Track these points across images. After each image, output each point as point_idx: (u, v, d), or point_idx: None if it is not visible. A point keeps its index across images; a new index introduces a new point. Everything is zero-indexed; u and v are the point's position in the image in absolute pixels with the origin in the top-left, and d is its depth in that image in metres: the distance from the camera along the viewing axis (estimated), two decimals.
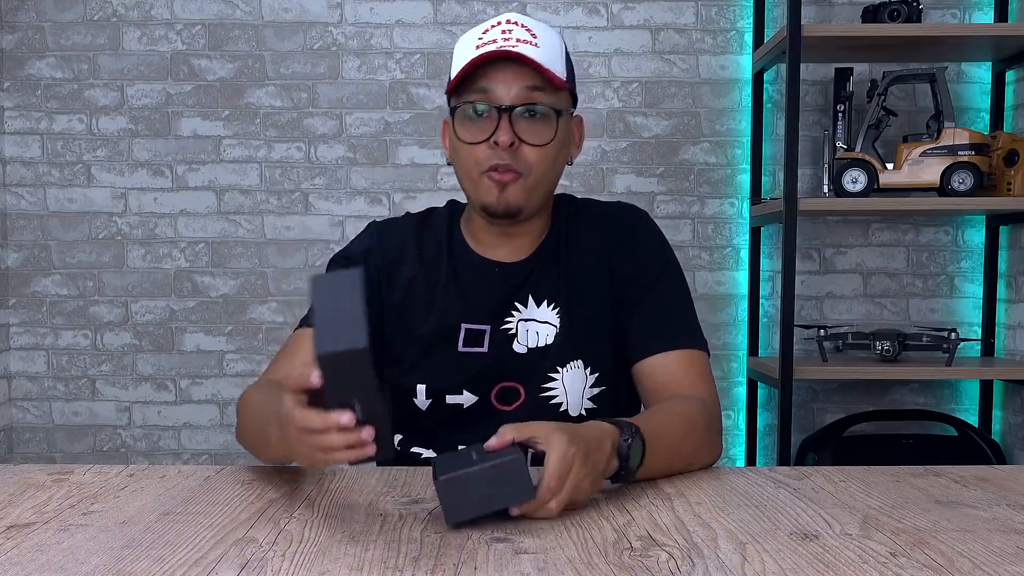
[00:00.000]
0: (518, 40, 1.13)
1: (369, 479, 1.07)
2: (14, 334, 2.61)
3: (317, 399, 0.84)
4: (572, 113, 1.21)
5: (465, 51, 1.15)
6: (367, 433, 0.81)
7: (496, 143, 1.12)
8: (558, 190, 1.29)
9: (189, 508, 0.94)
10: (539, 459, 0.89)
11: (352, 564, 0.76)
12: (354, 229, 2.50)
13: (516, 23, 1.16)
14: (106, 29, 2.55)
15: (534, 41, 1.13)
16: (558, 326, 1.22)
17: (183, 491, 1.01)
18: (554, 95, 1.15)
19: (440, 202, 1.34)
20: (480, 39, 1.14)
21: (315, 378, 0.81)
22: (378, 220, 1.32)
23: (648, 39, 2.56)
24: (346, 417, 0.80)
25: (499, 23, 1.16)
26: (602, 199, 1.40)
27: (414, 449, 1.25)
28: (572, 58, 1.27)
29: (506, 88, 1.12)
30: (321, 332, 0.79)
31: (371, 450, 0.82)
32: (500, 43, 1.12)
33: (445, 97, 1.22)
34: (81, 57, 2.55)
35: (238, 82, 2.56)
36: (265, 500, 0.97)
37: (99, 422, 2.61)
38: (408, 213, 1.32)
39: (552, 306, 1.23)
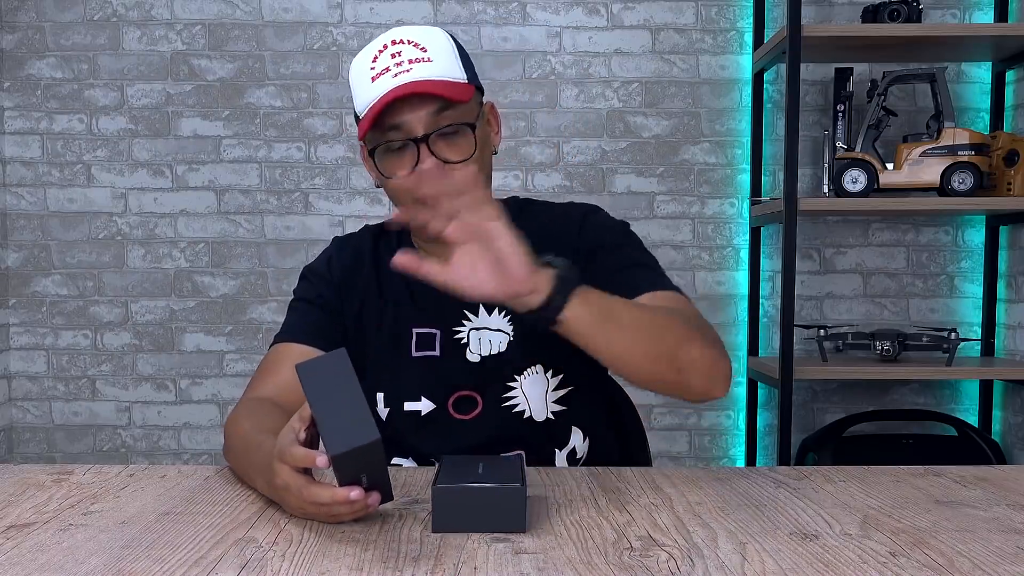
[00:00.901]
0: (409, 61, 1.11)
1: None
2: (14, 334, 2.61)
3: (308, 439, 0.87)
4: (481, 105, 1.19)
5: (361, 82, 1.14)
6: (372, 499, 0.84)
7: (422, 171, 1.11)
8: (543, 198, 1.28)
9: (189, 508, 0.94)
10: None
11: (352, 564, 0.76)
12: (354, 229, 2.50)
13: (402, 41, 1.13)
14: (106, 29, 2.55)
15: (425, 56, 1.12)
16: (509, 333, 1.22)
17: (183, 491, 1.01)
18: (464, 108, 1.14)
19: None
20: (372, 68, 1.13)
21: (321, 462, 0.81)
22: (339, 236, 1.35)
23: (648, 39, 2.56)
24: (355, 493, 0.82)
25: (385, 46, 1.13)
26: (604, 200, 1.39)
27: (395, 460, 1.25)
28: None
29: (417, 119, 1.11)
30: (330, 432, 0.79)
31: (374, 508, 0.85)
32: (394, 70, 1.11)
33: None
34: (81, 57, 2.55)
35: (238, 82, 2.56)
36: (265, 500, 0.97)
37: (99, 422, 2.61)
38: (367, 225, 1.35)
39: (503, 313, 1.22)
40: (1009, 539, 0.83)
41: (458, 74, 1.14)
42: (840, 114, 2.39)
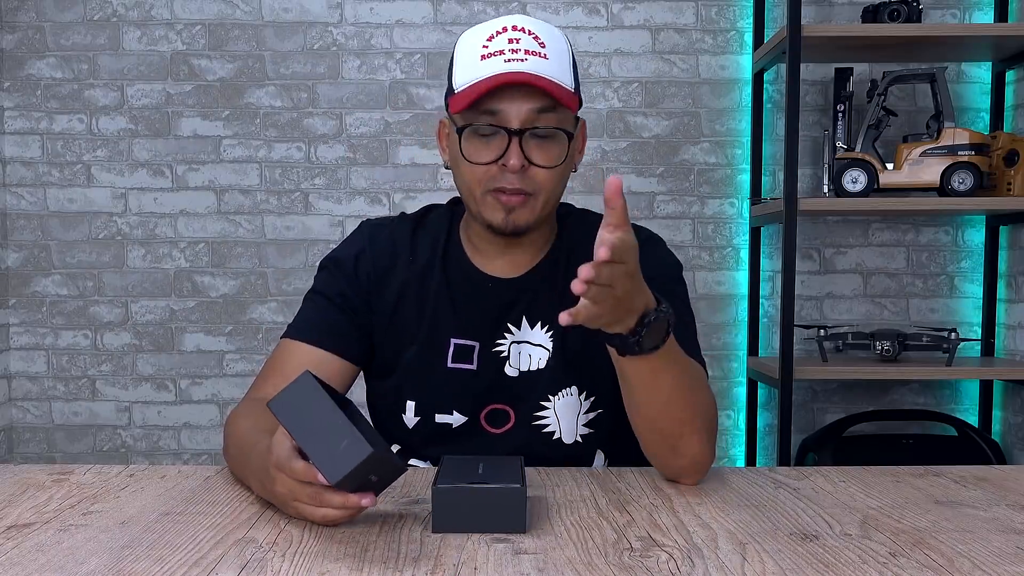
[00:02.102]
0: (527, 52, 1.08)
1: None
2: (14, 334, 2.61)
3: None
4: (578, 120, 1.17)
5: (468, 58, 1.10)
6: (368, 500, 0.82)
7: (505, 165, 1.09)
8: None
9: (189, 508, 0.94)
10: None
11: (352, 564, 0.76)
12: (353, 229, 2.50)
13: (523, 29, 1.10)
14: (106, 29, 2.55)
15: (543, 52, 1.09)
16: (551, 350, 1.19)
17: (183, 491, 1.01)
18: (564, 113, 1.11)
19: (440, 202, 1.32)
20: (485, 48, 1.09)
21: (323, 480, 0.81)
22: (371, 220, 1.28)
23: (648, 39, 2.56)
24: (367, 500, 0.82)
25: (505, 28, 1.10)
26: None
27: (412, 461, 1.24)
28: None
29: (516, 111, 1.08)
30: (322, 461, 0.79)
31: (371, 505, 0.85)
32: (508, 55, 1.07)
33: (444, 98, 1.19)
34: (81, 57, 2.55)
35: (238, 82, 2.56)
36: (265, 500, 0.97)
37: (99, 422, 2.61)
38: (403, 214, 1.28)
39: (546, 328, 1.20)
40: (1009, 539, 0.83)
41: (568, 80, 1.11)
42: (840, 114, 2.39)
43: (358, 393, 1.21)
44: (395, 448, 1.27)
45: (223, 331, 2.60)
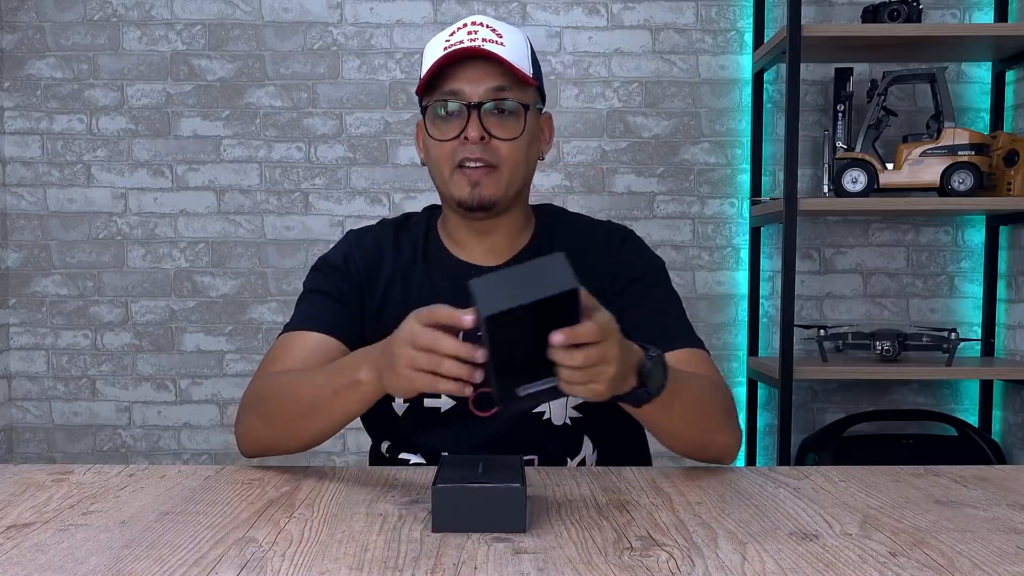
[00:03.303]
0: (484, 40, 1.16)
1: (369, 479, 1.07)
2: (14, 334, 2.61)
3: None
4: (540, 109, 1.24)
5: (433, 53, 1.18)
6: (478, 374, 0.84)
7: (467, 138, 1.15)
8: (543, 198, 1.29)
9: (189, 508, 0.94)
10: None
11: (352, 564, 0.76)
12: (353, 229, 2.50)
13: (482, 24, 1.18)
14: (106, 29, 2.55)
15: (500, 40, 1.16)
16: None
17: (183, 491, 1.01)
18: (521, 91, 1.18)
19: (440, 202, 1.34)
20: (448, 41, 1.17)
21: (468, 320, 0.84)
22: (354, 229, 1.33)
23: (648, 39, 2.56)
24: (480, 353, 0.84)
25: (465, 24, 1.18)
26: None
27: (402, 455, 1.25)
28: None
29: (474, 86, 1.15)
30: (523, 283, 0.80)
31: (473, 380, 0.86)
32: (467, 43, 1.15)
33: (416, 98, 1.24)
34: (81, 57, 2.55)
35: (238, 82, 2.56)
36: (265, 500, 0.97)
37: (99, 422, 2.61)
38: (384, 220, 1.33)
39: None
40: (1009, 539, 0.83)
41: (525, 66, 1.18)
42: (840, 114, 2.39)
43: None
44: (386, 443, 1.28)
45: (223, 331, 2.60)
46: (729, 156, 2.58)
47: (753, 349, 2.56)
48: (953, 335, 2.32)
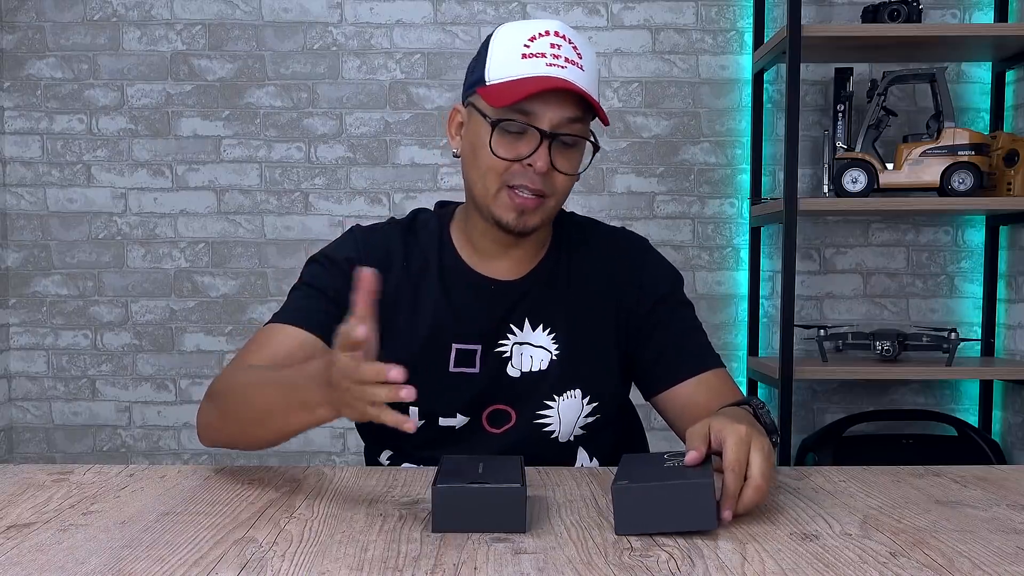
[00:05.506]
0: (567, 60, 1.10)
1: (369, 479, 1.07)
2: (14, 334, 2.61)
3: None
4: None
5: (508, 53, 1.12)
6: (407, 392, 0.84)
7: (532, 165, 1.10)
8: None
9: (189, 508, 0.94)
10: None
11: (352, 564, 0.76)
12: None
13: (564, 37, 1.12)
14: (106, 29, 2.55)
15: (580, 63, 1.11)
16: (552, 352, 1.21)
17: (183, 491, 1.01)
18: (588, 122, 1.15)
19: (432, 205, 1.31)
20: (527, 47, 1.11)
21: (361, 332, 0.83)
22: (361, 225, 1.25)
23: (648, 39, 2.56)
24: (395, 372, 0.83)
25: (547, 32, 1.12)
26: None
27: (404, 465, 1.24)
28: None
29: (551, 115, 1.10)
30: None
31: (407, 399, 0.85)
32: (550, 59, 1.10)
33: (465, 86, 1.19)
34: (81, 57, 2.55)
35: (238, 82, 2.56)
36: (265, 500, 0.97)
37: (99, 422, 2.61)
38: (392, 219, 1.27)
39: (548, 331, 1.21)
40: (1009, 539, 0.83)
41: (596, 93, 1.15)
42: (840, 114, 2.39)
43: None
44: (387, 453, 1.27)
45: (223, 331, 2.60)
46: (729, 156, 2.58)
47: (753, 349, 2.56)
48: (953, 335, 2.32)
